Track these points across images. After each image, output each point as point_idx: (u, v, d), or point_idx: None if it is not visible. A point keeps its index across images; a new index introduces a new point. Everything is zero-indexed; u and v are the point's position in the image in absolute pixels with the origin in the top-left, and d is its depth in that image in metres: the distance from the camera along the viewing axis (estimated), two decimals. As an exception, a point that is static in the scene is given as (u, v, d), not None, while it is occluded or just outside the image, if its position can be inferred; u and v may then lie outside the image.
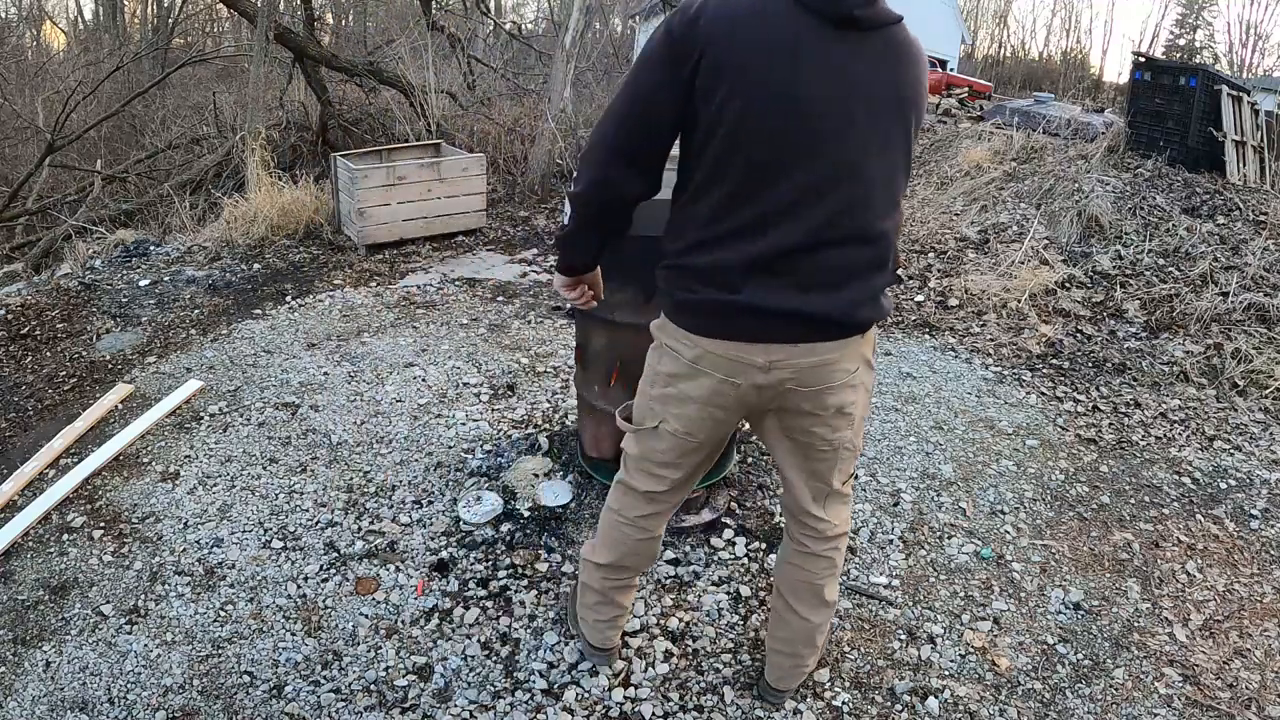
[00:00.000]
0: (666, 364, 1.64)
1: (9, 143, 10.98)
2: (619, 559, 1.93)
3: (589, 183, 1.56)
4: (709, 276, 1.51)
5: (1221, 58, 28.32)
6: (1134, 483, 3.19)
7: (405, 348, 4.05)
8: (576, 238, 1.67)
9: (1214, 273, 4.92)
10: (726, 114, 1.41)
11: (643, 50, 1.49)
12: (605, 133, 1.52)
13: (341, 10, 16.37)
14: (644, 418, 1.73)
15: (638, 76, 1.48)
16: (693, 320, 1.56)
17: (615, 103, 1.51)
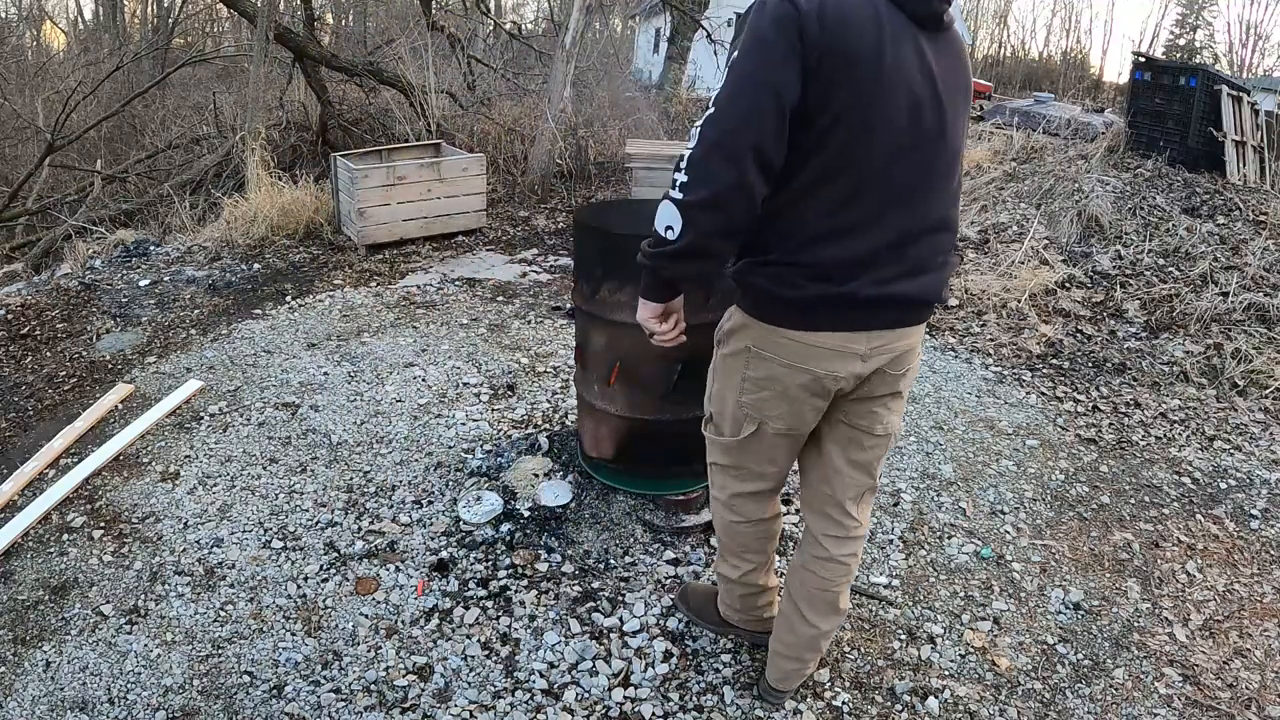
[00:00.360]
0: (758, 368, 1.62)
1: (9, 143, 10.98)
2: (756, 558, 1.98)
3: (721, 186, 1.37)
4: (821, 272, 1.49)
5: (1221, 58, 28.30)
6: (1134, 483, 3.19)
7: (405, 348, 4.05)
8: (692, 253, 1.44)
9: (1214, 273, 4.93)
10: (843, 111, 1.39)
11: (751, 39, 1.36)
12: (731, 129, 1.35)
13: (341, 10, 16.38)
14: (739, 426, 1.71)
15: (758, 65, 1.35)
16: (801, 317, 1.54)
17: (734, 95, 1.36)
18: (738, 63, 1.37)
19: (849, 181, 1.45)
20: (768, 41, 1.35)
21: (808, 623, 1.90)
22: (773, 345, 1.58)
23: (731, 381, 1.69)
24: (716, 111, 1.37)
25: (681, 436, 2.64)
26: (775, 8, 1.36)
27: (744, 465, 1.80)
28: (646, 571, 2.53)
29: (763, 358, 1.60)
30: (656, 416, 2.59)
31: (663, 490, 2.72)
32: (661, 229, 1.44)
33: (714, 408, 1.78)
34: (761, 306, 1.57)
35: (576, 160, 7.44)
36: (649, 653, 2.24)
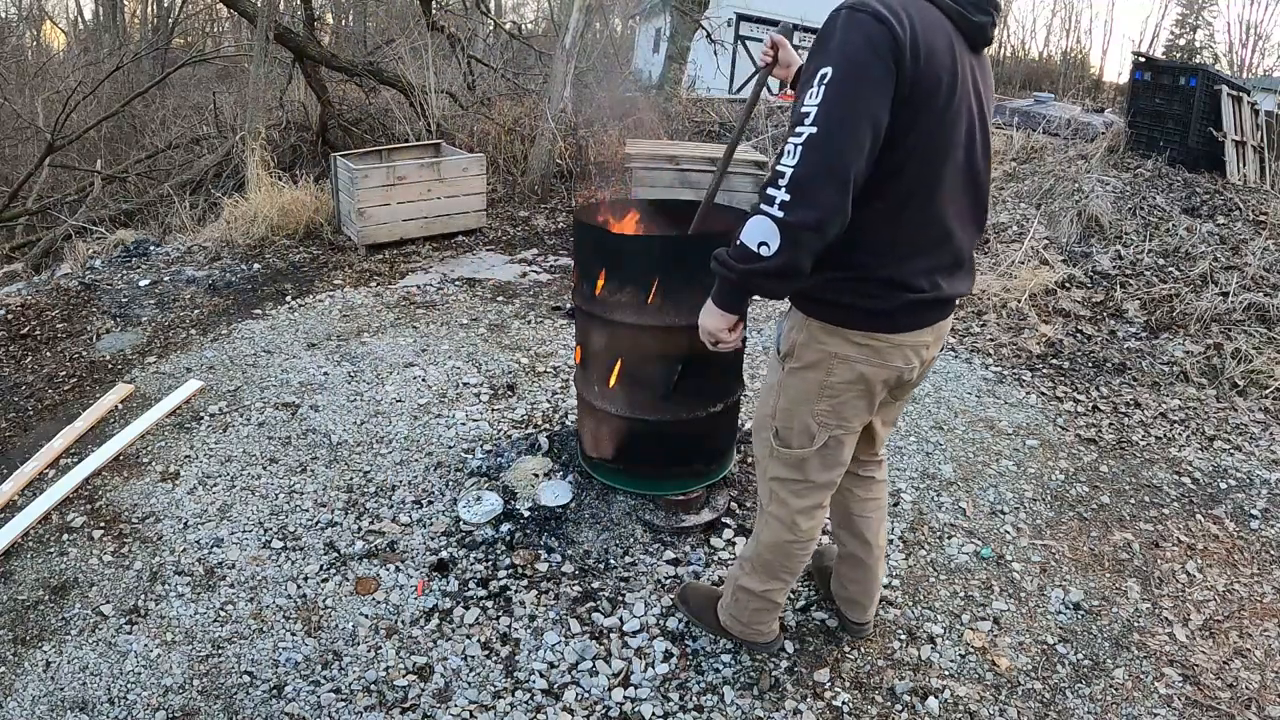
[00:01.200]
0: (843, 373, 1.67)
1: (9, 143, 10.98)
2: (790, 578, 2.03)
3: (827, 211, 1.40)
4: (903, 283, 1.58)
5: (1221, 58, 28.29)
6: (1134, 483, 3.19)
7: (405, 348, 4.05)
8: (788, 271, 1.46)
9: (1214, 273, 4.93)
10: (924, 136, 1.48)
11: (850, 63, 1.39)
12: (838, 154, 1.38)
13: (341, 10, 16.37)
14: (812, 436, 1.76)
15: (859, 91, 1.38)
16: (886, 322, 1.62)
17: (839, 121, 1.38)
18: (839, 85, 1.39)
19: (925, 200, 1.55)
20: (868, 68, 1.39)
21: (876, 546, 2.12)
22: (858, 349, 1.65)
23: (807, 392, 1.73)
24: (821, 135, 1.38)
25: (681, 436, 2.65)
26: (873, 32, 1.39)
27: (810, 477, 1.83)
28: (646, 571, 2.53)
29: (848, 361, 1.66)
30: (656, 416, 2.59)
31: (663, 490, 2.72)
32: (753, 244, 1.44)
33: (781, 423, 1.80)
34: (847, 316, 1.63)
35: (576, 160, 7.44)
36: (649, 653, 2.24)
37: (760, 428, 1.89)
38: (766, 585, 2.03)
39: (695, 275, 2.45)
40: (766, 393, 1.85)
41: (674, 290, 2.43)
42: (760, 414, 1.89)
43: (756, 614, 2.12)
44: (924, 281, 1.60)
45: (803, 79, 1.47)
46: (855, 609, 2.27)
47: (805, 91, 1.43)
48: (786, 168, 1.41)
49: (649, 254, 2.49)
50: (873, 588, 2.23)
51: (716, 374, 2.64)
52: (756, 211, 1.45)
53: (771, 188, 1.42)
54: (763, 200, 1.44)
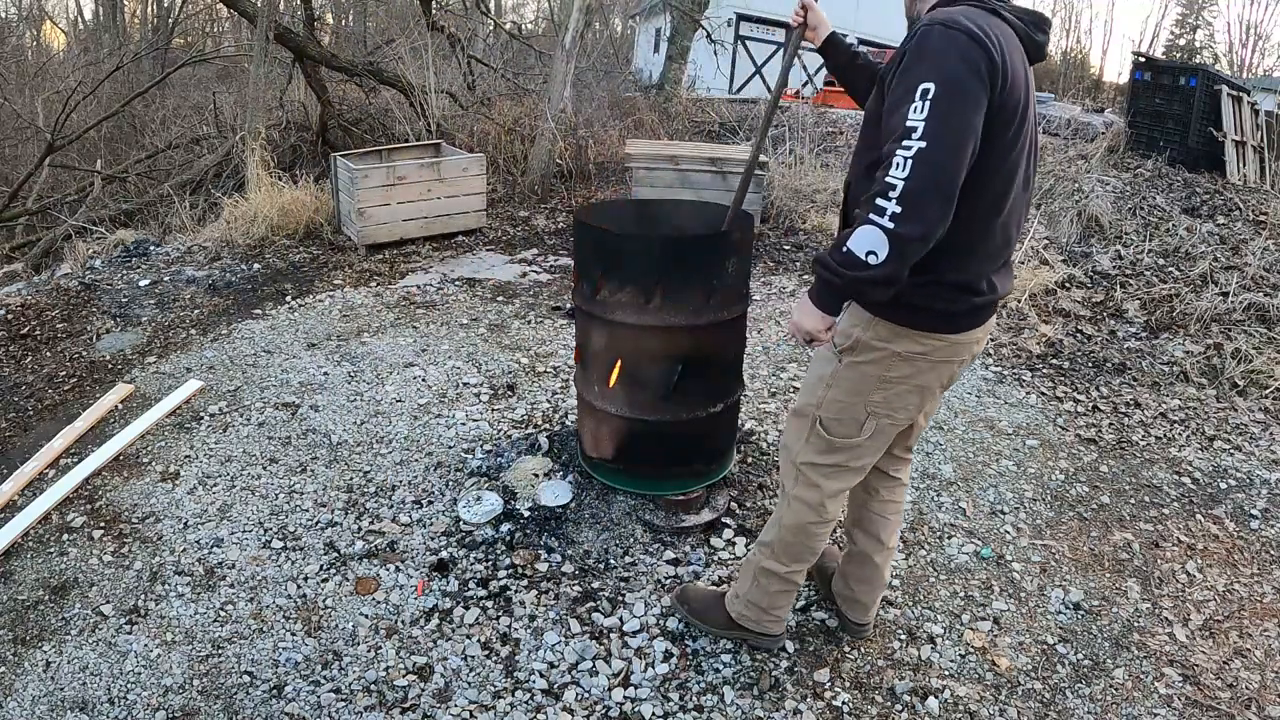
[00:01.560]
0: (901, 370, 1.75)
1: (9, 143, 10.98)
2: (812, 558, 2.07)
3: (934, 225, 1.47)
4: (970, 285, 1.68)
5: (1221, 58, 28.30)
6: (1134, 483, 3.19)
7: (405, 348, 4.05)
8: (894, 279, 1.52)
9: (1214, 273, 4.93)
10: (1003, 153, 1.56)
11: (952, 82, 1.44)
12: (947, 170, 1.45)
13: (341, 10, 16.38)
14: (860, 427, 1.82)
15: (964, 110, 1.45)
16: (950, 323, 1.71)
17: (947, 138, 1.44)
18: (945, 102, 1.45)
19: (996, 210, 1.63)
20: (969, 87, 1.46)
21: (886, 547, 2.16)
22: (920, 349, 1.72)
23: (863, 386, 1.79)
24: (930, 150, 1.44)
25: (681, 436, 2.65)
26: (971, 52, 1.46)
27: (847, 464, 1.89)
28: (646, 571, 2.53)
29: (910, 360, 1.73)
30: (656, 416, 2.59)
31: (663, 490, 2.72)
32: (861, 253, 1.49)
33: (828, 413, 1.85)
34: (914, 317, 1.70)
35: (576, 160, 7.44)
36: (649, 653, 2.24)
37: (800, 415, 1.92)
38: (790, 567, 2.06)
39: (695, 275, 2.45)
40: (814, 384, 1.88)
41: (674, 290, 2.43)
42: (804, 402, 1.91)
43: (778, 597, 2.12)
44: (985, 284, 1.69)
45: (895, 93, 1.51)
46: (857, 609, 2.28)
47: (905, 105, 1.47)
48: (897, 180, 1.46)
49: (649, 254, 2.49)
50: (878, 589, 2.25)
51: (716, 374, 2.64)
52: (866, 221, 1.49)
53: (881, 198, 1.47)
54: (872, 210, 1.48)
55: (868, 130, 1.73)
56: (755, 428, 3.37)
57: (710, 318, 2.50)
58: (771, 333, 4.41)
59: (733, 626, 2.22)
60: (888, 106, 1.54)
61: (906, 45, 1.54)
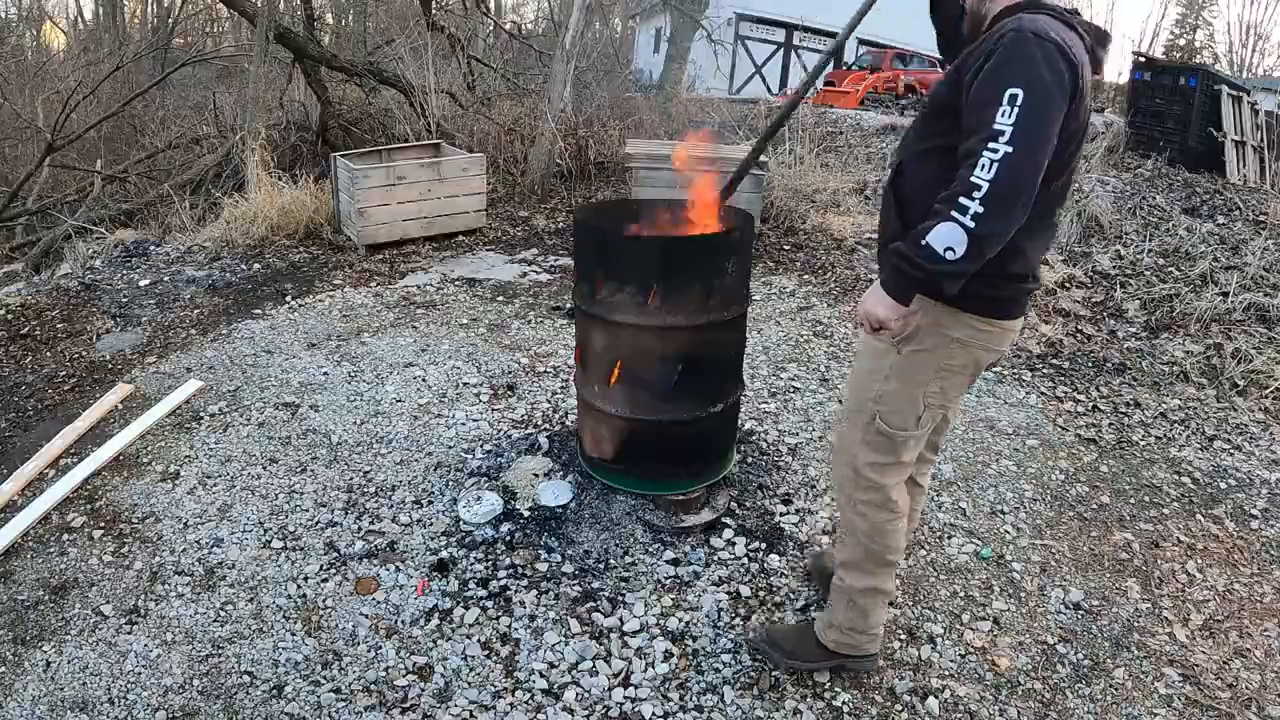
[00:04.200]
0: (959, 356, 1.80)
1: (9, 143, 10.97)
2: (898, 557, 2.02)
3: (1012, 227, 1.55)
4: (1025, 274, 1.76)
5: (1221, 58, 28.28)
6: (1134, 483, 3.19)
7: (405, 348, 4.05)
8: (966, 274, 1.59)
9: (1214, 273, 4.93)
10: (1070, 155, 1.65)
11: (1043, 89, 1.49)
12: (1029, 174, 1.52)
13: (341, 10, 16.37)
14: (919, 420, 1.85)
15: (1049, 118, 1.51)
16: (1006, 309, 1.78)
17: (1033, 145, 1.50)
18: (1032, 109, 1.49)
19: (1054, 208, 1.75)
20: (1054, 97, 1.52)
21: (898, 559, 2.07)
22: (978, 334, 1.77)
23: (921, 374, 1.81)
24: (1017, 155, 1.49)
25: (681, 436, 2.65)
26: (1059, 64, 1.52)
27: (902, 458, 1.90)
28: (646, 571, 2.53)
29: (967, 345, 1.78)
30: (656, 416, 2.59)
31: (663, 490, 2.72)
32: (940, 248, 1.55)
33: (886, 406, 1.85)
34: (975, 304, 1.74)
35: (576, 160, 7.44)
36: (649, 653, 2.24)
37: (856, 412, 1.91)
38: (879, 573, 2.01)
39: (695, 275, 2.45)
40: (868, 378, 1.88)
41: (673, 290, 2.43)
42: (858, 399, 1.91)
43: (875, 613, 2.07)
44: (1033, 274, 1.79)
45: (982, 92, 1.54)
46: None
47: (993, 106, 1.51)
48: (983, 181, 1.50)
49: (649, 254, 2.49)
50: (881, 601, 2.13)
51: (716, 374, 2.64)
52: (947, 217, 1.54)
53: (965, 197, 1.51)
54: (954, 208, 1.52)
55: (930, 116, 1.76)
56: (755, 428, 3.37)
57: (710, 318, 2.50)
58: (771, 333, 4.41)
59: (830, 656, 2.13)
60: (971, 102, 1.56)
61: (993, 45, 1.56)
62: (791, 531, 2.74)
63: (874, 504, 1.94)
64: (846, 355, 4.16)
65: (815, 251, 5.75)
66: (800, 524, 2.78)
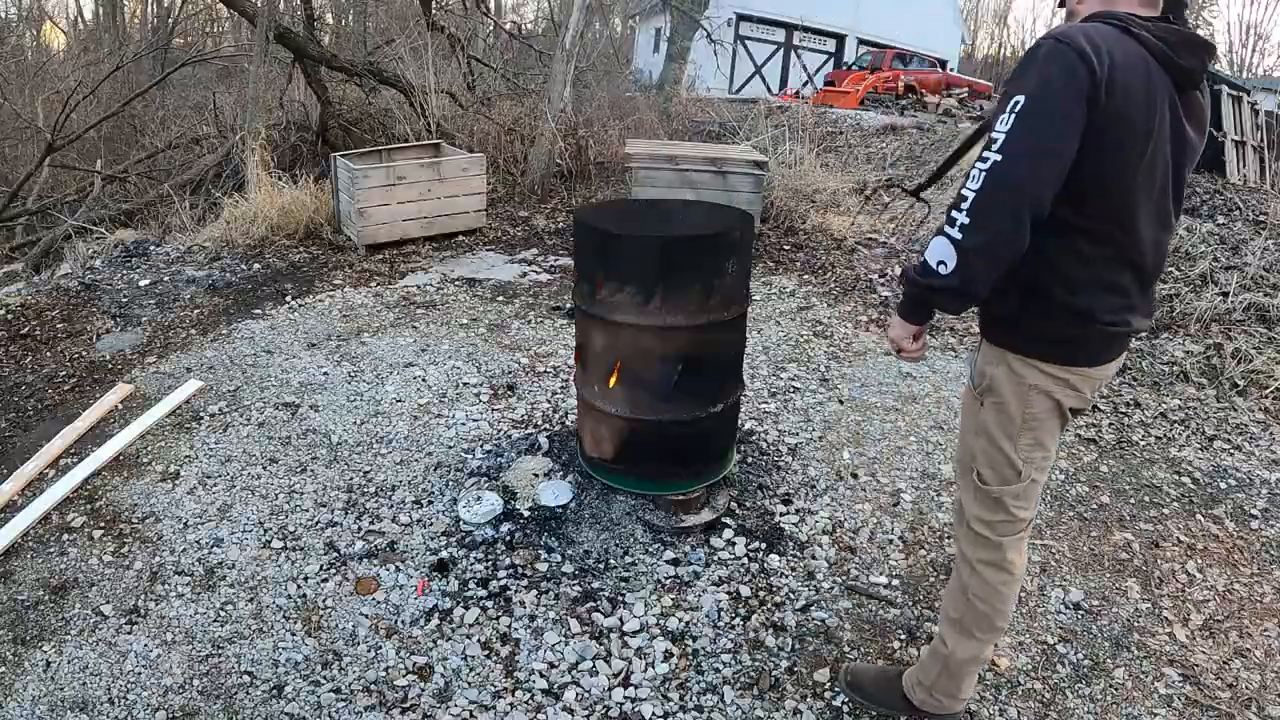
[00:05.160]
0: (1039, 403, 1.67)
1: (9, 143, 10.98)
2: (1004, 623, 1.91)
3: (999, 237, 1.47)
4: (1090, 313, 1.59)
5: (1221, 58, 28.30)
6: (1134, 483, 3.19)
7: (405, 348, 4.05)
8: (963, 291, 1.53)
9: (1214, 273, 4.93)
10: (1116, 172, 1.49)
11: (1043, 96, 1.42)
12: (1015, 185, 1.44)
13: (341, 10, 16.37)
14: (1020, 474, 1.73)
15: (1046, 126, 1.43)
16: (1071, 353, 1.63)
17: (1021, 154, 1.43)
18: (1027, 117, 1.43)
19: (1111, 238, 1.55)
20: (1059, 102, 1.42)
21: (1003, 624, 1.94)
22: (1051, 380, 1.65)
23: (1008, 426, 1.71)
24: (1004, 164, 1.44)
25: (681, 437, 2.65)
26: (1070, 67, 1.42)
27: (1014, 514, 1.78)
28: (646, 571, 2.53)
29: (1044, 393, 1.66)
30: (656, 416, 2.59)
31: (663, 490, 2.72)
32: (933, 262, 1.53)
33: (982, 464, 1.77)
34: (1035, 346, 1.65)
35: (576, 160, 7.44)
36: (649, 653, 2.24)
37: (964, 473, 1.85)
38: (985, 638, 1.90)
39: (695, 275, 2.45)
40: (966, 434, 1.83)
41: (673, 290, 2.44)
42: (962, 458, 1.85)
43: (970, 677, 1.98)
44: (1106, 315, 1.60)
45: (999, 101, 1.50)
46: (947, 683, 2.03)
47: (998, 116, 1.47)
48: (970, 192, 1.47)
49: (649, 254, 2.49)
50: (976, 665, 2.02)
51: (716, 374, 2.64)
52: (940, 231, 1.52)
53: (955, 210, 1.49)
54: (947, 221, 1.51)
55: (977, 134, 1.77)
56: (755, 428, 3.37)
57: (710, 318, 2.50)
58: (771, 333, 4.42)
59: (913, 711, 2.05)
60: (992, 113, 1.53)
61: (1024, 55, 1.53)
62: (791, 531, 2.74)
63: (990, 564, 1.83)
64: (846, 355, 4.16)
65: (815, 251, 5.75)
66: (800, 524, 2.78)
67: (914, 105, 14.13)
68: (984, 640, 1.91)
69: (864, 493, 2.99)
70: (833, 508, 2.89)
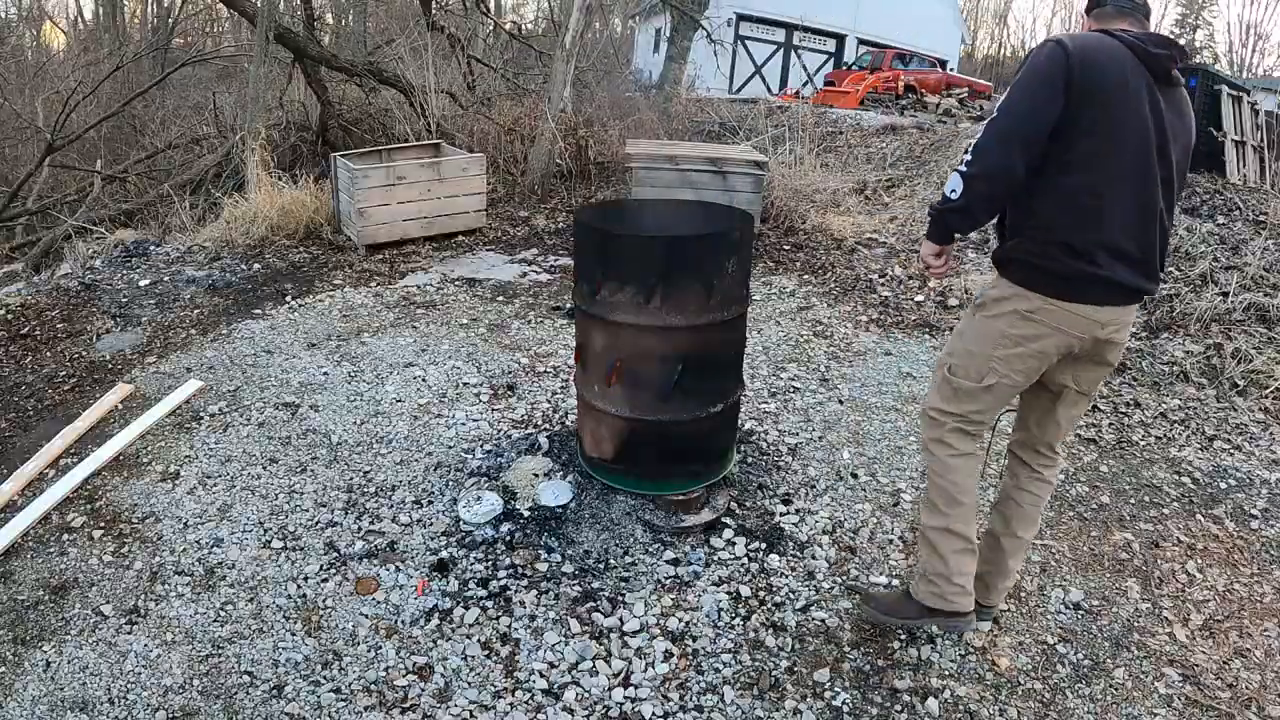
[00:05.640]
0: (1020, 328, 1.98)
1: (9, 143, 10.97)
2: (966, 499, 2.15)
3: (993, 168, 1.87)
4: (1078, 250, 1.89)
5: (1221, 58, 28.32)
6: (1134, 483, 3.19)
7: (405, 348, 4.05)
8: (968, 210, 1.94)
9: (1214, 273, 4.92)
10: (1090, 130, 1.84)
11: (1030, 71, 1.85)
12: (1003, 131, 1.86)
13: (341, 10, 16.37)
14: (983, 376, 2.05)
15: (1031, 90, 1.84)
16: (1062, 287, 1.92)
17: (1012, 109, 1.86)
18: (1017, 86, 1.87)
19: (1094, 189, 1.87)
20: (1040, 74, 1.84)
21: (1018, 538, 2.27)
22: (1033, 306, 1.95)
23: (988, 339, 2.03)
24: (999, 117, 1.88)
25: (681, 436, 2.65)
26: (1051, 53, 1.84)
27: (966, 412, 2.11)
28: (646, 571, 2.53)
29: (1028, 319, 1.96)
30: (656, 416, 2.59)
31: (663, 490, 2.72)
32: (948, 191, 1.95)
33: (955, 359, 2.11)
34: (1030, 275, 1.96)
35: (576, 160, 7.43)
36: (649, 653, 2.24)
37: (938, 368, 2.16)
38: (952, 513, 2.13)
39: (695, 275, 2.45)
40: (953, 339, 2.15)
41: (673, 290, 2.43)
42: (942, 357, 2.16)
43: (956, 558, 2.14)
44: (1099, 258, 1.88)
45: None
46: (980, 588, 2.28)
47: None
48: (975, 140, 1.90)
49: (649, 254, 2.49)
50: (1000, 572, 2.31)
51: (716, 374, 2.64)
52: (954, 170, 1.95)
53: (965, 154, 1.92)
54: (960, 163, 1.93)
55: None
56: (755, 428, 3.37)
57: (710, 318, 2.50)
58: (771, 333, 4.41)
59: (925, 613, 2.20)
60: None
61: None
62: (791, 531, 2.74)
63: (938, 441, 2.15)
64: (846, 355, 4.16)
65: (815, 251, 5.75)
66: (800, 524, 2.78)
67: (914, 105, 14.13)
68: (947, 513, 2.14)
69: (864, 493, 2.99)
70: (833, 508, 2.89)
